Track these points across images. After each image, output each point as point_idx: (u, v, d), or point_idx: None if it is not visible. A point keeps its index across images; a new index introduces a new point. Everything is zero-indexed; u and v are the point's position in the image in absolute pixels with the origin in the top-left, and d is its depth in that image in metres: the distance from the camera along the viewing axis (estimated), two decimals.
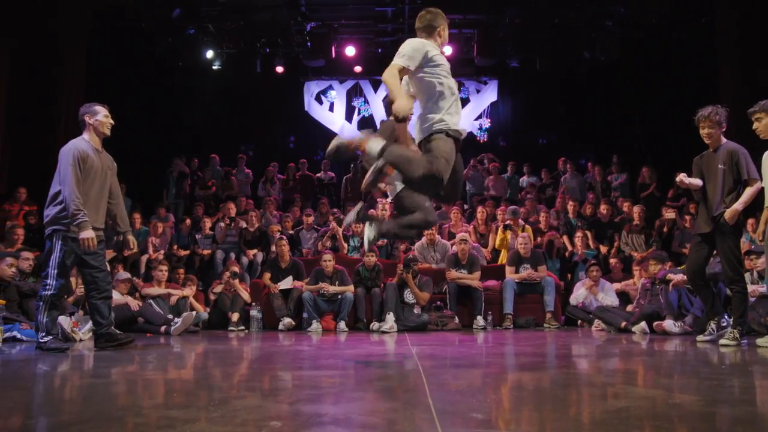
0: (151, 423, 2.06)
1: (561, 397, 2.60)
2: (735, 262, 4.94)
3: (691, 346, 4.93)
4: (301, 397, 2.56)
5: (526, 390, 2.79)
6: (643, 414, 2.14)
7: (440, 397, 2.50)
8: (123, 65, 11.74)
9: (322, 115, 14.48)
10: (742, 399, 2.49)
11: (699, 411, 2.19)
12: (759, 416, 2.15)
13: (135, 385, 3.02)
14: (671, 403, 2.35)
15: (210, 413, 2.19)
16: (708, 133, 5.00)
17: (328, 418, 2.10)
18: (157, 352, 4.78)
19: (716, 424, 2.00)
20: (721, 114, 4.98)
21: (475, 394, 2.58)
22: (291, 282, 7.84)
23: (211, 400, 2.49)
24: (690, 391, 2.65)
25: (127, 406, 2.43)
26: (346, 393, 2.69)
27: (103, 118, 4.91)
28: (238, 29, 12.35)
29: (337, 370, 3.57)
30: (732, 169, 4.87)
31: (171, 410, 2.27)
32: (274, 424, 2.01)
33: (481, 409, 2.22)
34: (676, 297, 6.22)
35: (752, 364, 3.79)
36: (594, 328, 7.13)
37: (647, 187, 10.81)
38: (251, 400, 2.45)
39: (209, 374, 3.50)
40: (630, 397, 2.49)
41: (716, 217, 4.89)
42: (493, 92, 14.41)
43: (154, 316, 6.94)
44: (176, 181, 11.78)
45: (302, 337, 6.45)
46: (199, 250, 9.42)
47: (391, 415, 2.18)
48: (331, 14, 12.22)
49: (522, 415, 2.13)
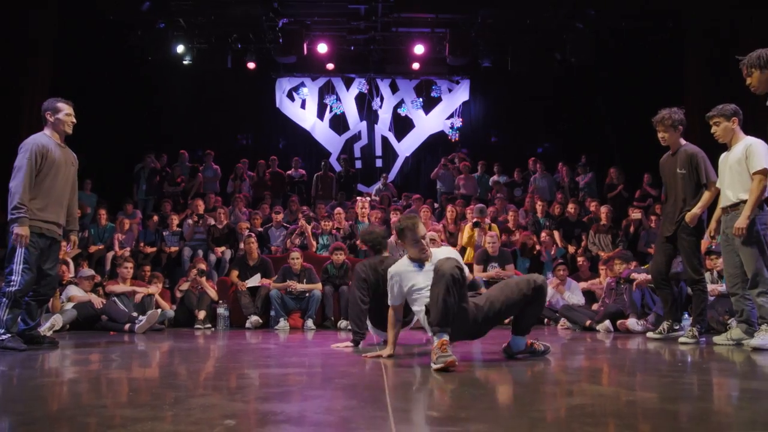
0: (102, 422, 2.02)
1: (520, 394, 2.62)
2: (696, 262, 5.05)
3: (652, 344, 5.00)
4: (260, 395, 2.54)
5: (487, 388, 2.81)
6: (600, 411, 2.16)
7: (399, 394, 2.50)
8: (91, 59, 11.50)
9: (293, 112, 14.43)
10: (696, 396, 2.53)
11: (655, 408, 2.22)
12: (712, 412, 2.19)
13: (91, 385, 2.96)
14: (628, 400, 2.38)
15: (164, 412, 2.16)
16: (663, 137, 5.13)
17: (282, 416, 2.08)
18: (119, 351, 4.70)
19: (670, 421, 2.03)
20: (675, 117, 5.07)
21: (434, 392, 2.58)
22: (259, 280, 7.79)
23: (168, 398, 2.45)
24: (647, 389, 2.69)
25: (81, 405, 2.38)
26: (305, 391, 2.67)
27: (65, 116, 4.81)
28: (209, 24, 12.22)
29: (300, 368, 3.54)
30: (692, 173, 4.98)
31: (125, 409, 2.23)
32: (228, 422, 1.98)
33: (438, 407, 2.23)
34: (640, 296, 6.32)
35: (708, 361, 3.86)
36: (560, 326, 7.21)
37: (615, 188, 10.96)
38: (209, 399, 2.42)
39: (169, 372, 3.46)
40: (588, 394, 2.52)
41: (679, 219, 5.00)
42: (465, 91, 14.51)
43: (118, 314, 6.83)
44: (147, 178, 11.60)
45: (269, 335, 6.41)
46: (166, 248, 9.31)
47: (347, 413, 2.17)
48: (304, 11, 12.16)
49: (478, 413, 2.14)
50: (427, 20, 12.37)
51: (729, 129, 4.66)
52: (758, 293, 4.35)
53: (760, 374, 3.29)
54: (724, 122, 4.66)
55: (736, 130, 4.66)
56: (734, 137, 4.67)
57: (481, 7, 11.69)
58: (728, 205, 4.67)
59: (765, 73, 3.94)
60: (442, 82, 14.51)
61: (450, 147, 13.93)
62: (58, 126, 4.81)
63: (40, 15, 10.34)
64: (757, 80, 4.01)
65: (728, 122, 4.65)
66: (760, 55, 3.98)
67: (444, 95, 14.52)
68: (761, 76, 3.97)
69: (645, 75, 11.85)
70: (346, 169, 12.94)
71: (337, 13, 12.32)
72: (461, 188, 12.04)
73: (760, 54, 3.99)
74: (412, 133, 14.56)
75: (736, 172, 4.61)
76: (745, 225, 4.40)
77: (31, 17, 10.17)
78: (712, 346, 4.68)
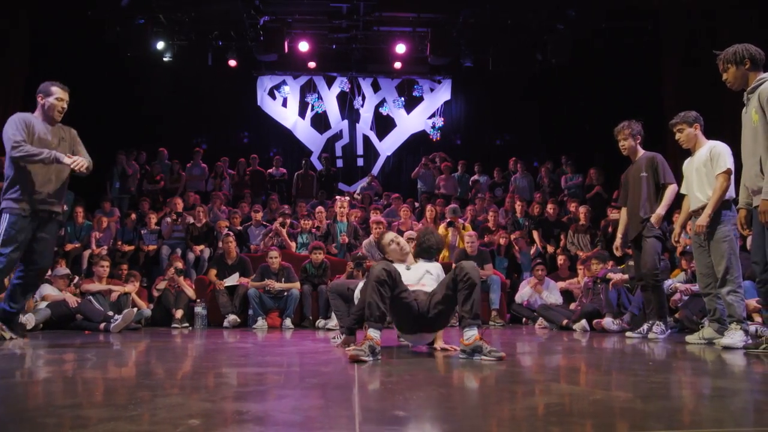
0: (63, 423, 1.99)
1: (488, 394, 2.62)
2: (656, 257, 5.17)
3: (624, 343, 5.05)
4: (229, 394, 2.52)
5: (454, 387, 2.81)
6: (561, 410, 2.17)
7: (368, 394, 2.49)
8: (68, 56, 11.36)
9: (275, 111, 14.38)
10: (659, 394, 2.55)
11: (617, 407, 2.23)
12: (673, 410, 2.21)
13: (57, 385, 2.92)
14: (593, 399, 2.40)
15: (128, 412, 2.13)
16: (623, 145, 5.41)
17: (248, 416, 2.06)
18: (91, 350, 4.65)
19: (629, 419, 2.04)
20: (635, 127, 5.36)
21: (403, 392, 2.58)
22: (237, 279, 7.75)
23: (133, 398, 2.42)
24: (612, 387, 2.71)
25: (42, 406, 2.35)
26: (274, 390, 2.66)
27: (55, 100, 4.77)
28: (190, 21, 12.14)
29: (273, 367, 3.53)
30: (653, 175, 5.20)
31: (88, 409, 2.20)
32: (192, 422, 1.96)
33: (405, 407, 2.22)
34: (616, 296, 6.39)
35: (678, 360, 3.90)
36: (537, 325, 7.26)
37: (593, 188, 11.04)
38: (176, 398, 2.40)
39: (140, 372, 3.43)
40: (554, 393, 2.53)
41: (644, 220, 5.19)
42: (446, 91, 14.55)
43: (93, 313, 6.76)
44: (120, 176, 11.47)
45: (247, 334, 6.38)
46: (144, 246, 9.23)
47: (313, 412, 2.16)
48: (285, 8, 12.13)
49: (442, 413, 2.14)
50: (409, 19, 12.39)
51: (692, 135, 4.84)
52: (727, 292, 4.42)
53: (728, 373, 3.34)
54: (687, 128, 4.86)
55: (699, 135, 4.85)
56: (697, 142, 4.85)
57: (463, 7, 11.72)
58: (699, 207, 4.75)
59: (740, 68, 3.99)
60: (424, 82, 14.54)
61: (431, 146, 13.95)
62: (48, 110, 4.76)
63: (13, 12, 10.19)
64: (732, 76, 4.05)
65: (690, 128, 4.84)
66: (737, 51, 4.03)
67: (426, 95, 14.56)
68: (737, 71, 4.02)
69: (623, 76, 11.96)
70: (327, 167, 12.92)
71: (318, 12, 12.30)
72: (441, 188, 12.06)
73: (736, 50, 4.04)
74: (393, 133, 14.57)
75: (703, 174, 4.72)
76: (706, 223, 4.52)
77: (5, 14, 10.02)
78: (685, 344, 4.74)
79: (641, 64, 11.69)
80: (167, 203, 10.46)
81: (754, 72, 3.93)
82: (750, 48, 3.97)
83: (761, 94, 3.77)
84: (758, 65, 3.95)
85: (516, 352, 4.19)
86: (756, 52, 3.96)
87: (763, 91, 3.76)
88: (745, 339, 4.30)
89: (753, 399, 2.45)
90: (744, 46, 4.00)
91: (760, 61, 3.95)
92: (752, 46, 3.99)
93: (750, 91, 3.90)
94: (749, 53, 3.95)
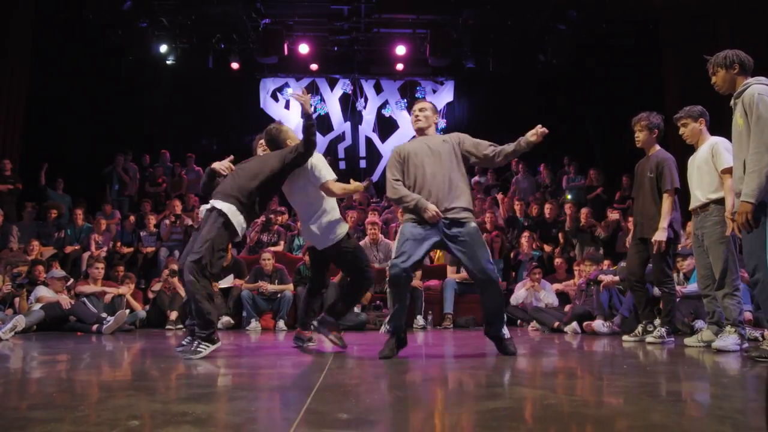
0: (3, 425, 2.00)
1: (441, 397, 2.61)
2: (664, 264, 5.07)
3: (611, 346, 5.00)
4: (184, 396, 2.53)
5: (412, 389, 2.80)
6: (508, 415, 2.15)
7: (322, 396, 2.48)
8: (70, 59, 11.47)
9: (277, 113, 14.40)
10: (611, 399, 2.52)
11: (566, 411, 2.21)
12: (622, 415, 2.17)
13: (16, 386, 2.94)
14: (546, 403, 2.37)
15: (74, 413, 2.14)
16: (637, 137, 5.20)
17: (190, 417, 2.06)
18: (71, 352, 4.67)
19: (570, 425, 2.02)
20: (653, 120, 5.15)
21: (358, 394, 2.57)
22: (231, 280, 7.77)
23: (84, 399, 2.44)
24: (572, 391, 2.68)
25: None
26: (234, 392, 2.66)
27: None
28: (192, 24, 12.21)
29: (245, 368, 3.53)
30: (657, 178, 5.03)
31: (34, 411, 2.21)
32: (132, 423, 1.97)
33: (352, 410, 2.22)
34: (607, 297, 6.33)
35: (659, 364, 3.86)
36: (530, 328, 7.21)
37: (594, 189, 10.96)
38: (127, 399, 2.41)
39: (105, 373, 3.43)
40: (509, 397, 2.51)
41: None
42: (449, 93, 14.50)
43: (86, 315, 6.80)
44: (119, 178, 11.55)
45: (239, 336, 6.39)
46: (142, 248, 9.27)
47: (258, 414, 2.16)
48: (286, 11, 12.15)
49: (387, 416, 2.13)
50: (408, 21, 12.37)
51: (696, 130, 4.72)
52: (724, 295, 4.36)
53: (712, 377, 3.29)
54: (691, 123, 4.73)
55: (703, 131, 4.72)
56: (701, 138, 4.73)
57: (463, 8, 11.69)
58: (698, 206, 4.68)
59: (729, 72, 3.95)
60: (427, 83, 14.51)
61: None
62: None
63: (15, 15, 10.30)
64: (721, 79, 4.02)
65: (695, 123, 4.71)
66: (727, 55, 4.00)
67: (428, 96, 14.49)
68: (726, 75, 3.98)
69: (625, 76, 11.87)
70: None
71: (319, 14, 12.31)
72: None
73: (726, 54, 4.01)
74: (396, 134, 14.53)
75: (704, 172, 4.64)
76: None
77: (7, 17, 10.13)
78: (682, 347, 4.68)
79: (643, 64, 11.59)
80: (167, 205, 10.52)
81: (742, 76, 3.89)
82: (740, 53, 3.95)
83: (745, 98, 3.74)
84: (747, 70, 3.91)
85: (494, 354, 4.16)
86: (746, 57, 3.94)
87: (747, 96, 3.73)
88: (739, 343, 4.24)
89: (712, 404, 2.41)
90: (734, 51, 3.98)
91: (749, 66, 3.92)
92: (742, 52, 3.96)
93: (736, 96, 3.87)
94: (739, 58, 3.92)
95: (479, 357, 4.23)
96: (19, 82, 10.49)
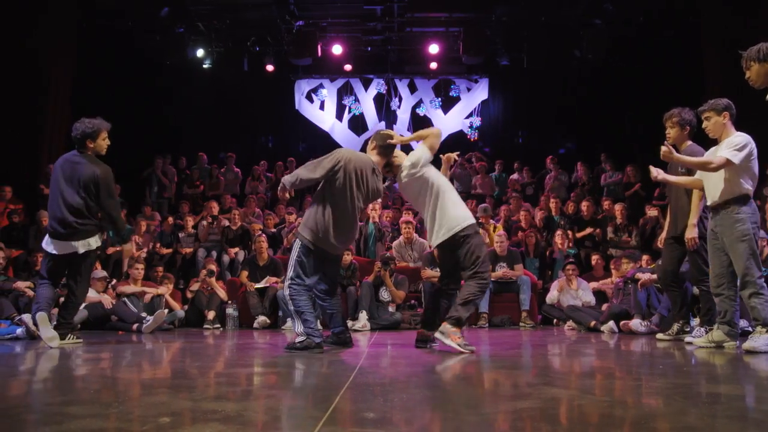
0: (41, 419, 2.07)
1: (468, 396, 2.59)
2: (700, 261, 4.95)
3: (647, 346, 4.91)
4: (215, 394, 2.57)
5: (441, 389, 2.79)
6: (536, 415, 2.13)
7: (351, 395, 2.49)
8: (111, 65, 11.78)
9: (312, 114, 14.51)
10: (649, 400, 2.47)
11: (594, 412, 2.18)
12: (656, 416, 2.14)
13: (56, 382, 3.03)
14: (576, 404, 2.34)
15: (107, 409, 2.20)
16: (668, 133, 5.07)
17: (219, 415, 2.10)
18: (113, 349, 4.79)
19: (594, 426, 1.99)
20: (684, 116, 5.03)
21: (387, 393, 2.57)
22: (269, 282, 7.85)
23: (121, 396, 2.50)
24: (604, 392, 2.64)
25: (30, 402, 2.44)
26: (264, 390, 2.70)
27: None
28: (227, 27, 12.40)
29: (278, 367, 3.57)
30: (688, 174, 4.92)
31: (70, 406, 2.28)
32: (162, 420, 2.01)
33: (380, 409, 2.22)
34: (645, 296, 6.21)
35: (696, 365, 3.77)
36: (566, 327, 7.11)
37: (632, 186, 10.76)
38: (161, 397, 2.46)
39: (144, 371, 3.51)
40: (539, 398, 2.48)
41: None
42: (484, 90, 14.40)
43: (127, 314, 6.97)
44: (158, 181, 11.80)
45: (276, 335, 6.46)
46: (181, 249, 9.45)
47: (286, 412, 2.19)
48: (320, 12, 12.24)
49: (414, 415, 2.13)
50: (441, 19, 12.34)
51: (720, 124, 4.49)
52: (749, 294, 4.20)
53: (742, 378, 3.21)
54: (714, 117, 4.49)
55: (728, 125, 4.48)
56: (725, 132, 4.49)
57: (496, 5, 11.60)
58: (716, 203, 4.55)
59: (764, 66, 3.84)
60: (461, 81, 14.43)
61: (468, 146, 13.83)
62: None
63: (61, 24, 10.61)
64: (755, 74, 3.91)
65: (719, 117, 4.47)
66: (760, 49, 3.89)
67: (463, 94, 14.44)
68: (760, 69, 3.88)
69: (664, 70, 11.62)
70: None
71: (352, 15, 12.37)
72: (478, 188, 11.96)
73: (760, 47, 3.90)
74: None
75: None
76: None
77: (52, 26, 10.44)
78: (695, 348, 4.57)
79: (682, 57, 11.32)
80: (204, 207, 10.70)
81: None
82: None
83: None
84: None
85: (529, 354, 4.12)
86: None
87: None
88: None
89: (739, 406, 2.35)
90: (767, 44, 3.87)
91: None
92: None
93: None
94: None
95: (513, 356, 4.19)
96: (65, 89, 10.82)
